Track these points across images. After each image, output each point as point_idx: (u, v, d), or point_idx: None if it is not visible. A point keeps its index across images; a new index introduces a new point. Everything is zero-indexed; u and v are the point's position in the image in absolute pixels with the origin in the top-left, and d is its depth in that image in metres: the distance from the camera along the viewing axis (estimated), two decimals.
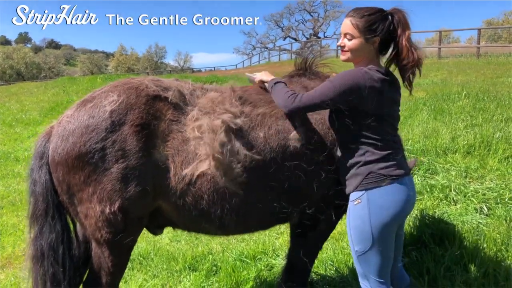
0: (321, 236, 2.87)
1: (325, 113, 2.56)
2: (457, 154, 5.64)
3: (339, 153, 2.48)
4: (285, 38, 59.81)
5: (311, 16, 58.22)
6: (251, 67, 37.81)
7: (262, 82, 2.75)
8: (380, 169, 2.28)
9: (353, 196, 2.37)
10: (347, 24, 2.33)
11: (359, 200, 2.31)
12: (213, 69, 53.94)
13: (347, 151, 2.39)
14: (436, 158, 5.58)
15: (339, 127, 2.39)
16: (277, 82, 2.56)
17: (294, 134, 2.53)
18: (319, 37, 53.53)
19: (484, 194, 4.59)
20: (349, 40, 2.33)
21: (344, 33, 2.35)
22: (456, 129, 6.36)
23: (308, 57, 2.93)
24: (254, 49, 62.18)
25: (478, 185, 4.84)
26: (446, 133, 6.13)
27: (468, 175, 5.18)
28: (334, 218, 2.80)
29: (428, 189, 4.84)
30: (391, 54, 2.41)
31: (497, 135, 5.82)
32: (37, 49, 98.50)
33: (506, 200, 4.42)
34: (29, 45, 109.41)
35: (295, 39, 56.62)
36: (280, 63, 30.21)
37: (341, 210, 2.79)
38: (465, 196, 4.60)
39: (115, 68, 62.86)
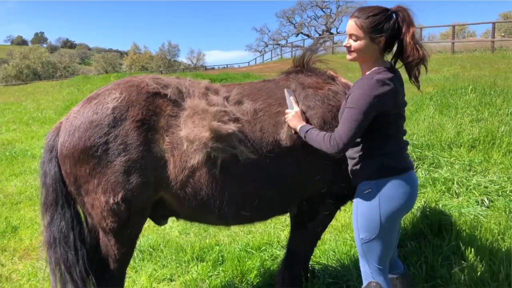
0: (320, 226, 2.99)
1: (320, 108, 2.68)
2: (461, 148, 5.71)
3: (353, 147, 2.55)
4: (297, 35, 59.70)
5: (324, 12, 57.95)
6: (263, 64, 37.91)
7: (288, 120, 2.65)
8: (391, 162, 2.38)
9: (363, 186, 2.46)
10: (352, 25, 2.38)
11: (369, 190, 2.41)
12: (226, 66, 54.12)
13: (357, 145, 2.47)
14: (440, 152, 5.65)
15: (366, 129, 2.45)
16: (309, 129, 2.52)
17: (288, 128, 2.65)
18: (332, 33, 53.26)
19: (486, 187, 4.67)
20: (355, 41, 2.39)
21: (350, 34, 2.41)
22: (461, 123, 6.41)
23: (305, 54, 3.03)
24: (267, 46, 62.21)
25: (481, 178, 4.91)
26: (451, 128, 6.19)
27: (472, 168, 5.25)
28: (333, 208, 2.93)
29: (431, 182, 4.93)
30: (396, 52, 2.46)
31: (502, 129, 5.86)
32: (52, 49, 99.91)
33: (508, 192, 4.50)
34: (45, 45, 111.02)
35: (307, 35, 56.50)
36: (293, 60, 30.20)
37: (340, 201, 2.92)
38: (467, 189, 4.68)
39: (129, 66, 63.45)
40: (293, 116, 2.60)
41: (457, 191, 4.70)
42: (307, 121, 2.66)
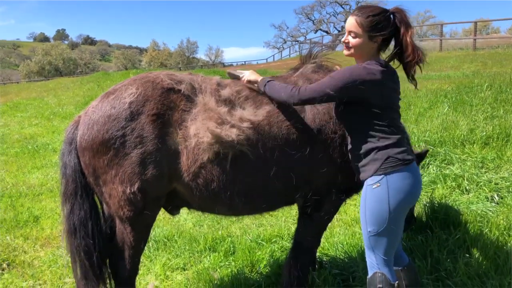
0: (325, 217, 3.08)
1: (326, 104, 2.78)
2: (474, 145, 5.72)
3: (349, 141, 2.66)
4: (316, 31, 59.48)
5: (343, 8, 57.59)
6: (281, 61, 37.89)
7: (249, 82, 2.87)
8: (397, 154, 2.45)
9: (371, 180, 2.51)
10: (352, 23, 2.49)
11: (378, 184, 2.47)
12: (244, 63, 54.27)
13: (359, 140, 2.55)
14: (453, 149, 5.66)
15: (349, 118, 2.58)
16: (269, 80, 2.71)
17: (295, 124, 2.76)
18: None
19: (497, 184, 4.70)
20: (353, 37, 2.50)
21: (349, 31, 2.52)
22: (475, 120, 6.41)
23: (313, 51, 3.13)
24: (285, 42, 62.13)
25: (493, 175, 4.93)
26: (465, 125, 6.19)
27: (484, 165, 5.26)
28: (338, 200, 3.03)
29: (442, 178, 4.97)
30: (394, 52, 2.55)
31: None
32: (73, 46, 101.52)
33: None
34: (66, 42, 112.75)
35: (326, 32, 56.26)
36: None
37: (345, 193, 3.02)
38: (477, 185, 4.72)
39: (148, 63, 64.15)
40: (249, 74, 2.86)
41: (467, 188, 4.74)
42: (313, 115, 2.77)
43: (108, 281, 3.02)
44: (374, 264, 2.61)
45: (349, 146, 2.65)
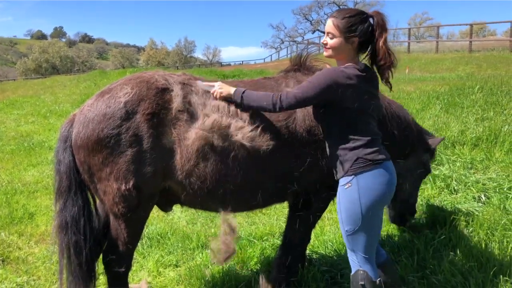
0: (315, 214, 3.17)
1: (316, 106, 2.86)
2: (464, 147, 5.83)
3: (326, 142, 2.75)
4: (314, 32, 59.65)
5: (345, 8, 57.60)
6: (279, 61, 37.98)
7: (222, 96, 2.79)
8: (366, 154, 2.53)
9: (343, 180, 2.61)
10: (329, 24, 2.59)
11: (350, 184, 2.55)
12: (241, 63, 54.30)
13: (333, 141, 2.65)
14: (444, 150, 5.77)
15: (325, 119, 2.67)
16: (244, 91, 2.70)
17: (286, 124, 2.84)
18: None
19: (484, 184, 4.79)
20: (331, 38, 2.58)
21: (327, 32, 2.61)
22: (466, 122, 6.52)
23: (302, 53, 3.21)
24: (283, 42, 62.29)
25: (481, 175, 5.03)
26: (456, 126, 6.30)
27: (474, 166, 5.37)
28: (326, 199, 3.12)
29: (431, 179, 5.06)
30: (367, 54, 2.62)
31: (506, 128, 5.96)
32: (71, 43, 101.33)
33: (505, 189, 4.62)
34: (63, 39, 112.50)
35: (324, 32, 56.25)
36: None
37: (333, 191, 3.10)
38: (465, 186, 4.82)
39: (146, 62, 64.13)
40: (220, 87, 2.78)
41: (455, 188, 4.84)
42: (301, 117, 2.86)
43: (95, 280, 3.06)
44: (355, 263, 2.68)
45: (327, 147, 2.75)
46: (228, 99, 2.78)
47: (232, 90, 2.75)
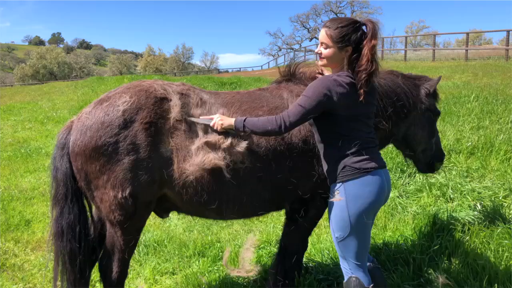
0: (310, 222, 3.20)
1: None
2: (460, 155, 5.85)
3: (319, 150, 2.76)
4: (311, 39, 59.97)
5: (338, 17, 57.99)
6: (276, 68, 37.99)
7: (223, 128, 2.77)
8: (354, 163, 2.54)
9: (332, 187, 2.65)
10: (322, 34, 2.62)
11: (338, 191, 2.59)
12: (239, 70, 54.47)
13: (325, 148, 2.68)
14: None
15: (316, 127, 2.69)
16: (245, 119, 2.68)
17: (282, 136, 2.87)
18: None
19: (479, 193, 4.82)
20: (325, 48, 2.61)
21: (321, 42, 2.64)
22: (462, 130, 6.55)
23: (291, 63, 3.25)
24: (280, 50, 62.53)
25: (477, 184, 5.06)
26: (452, 135, 6.33)
27: (469, 175, 5.40)
28: (322, 206, 3.14)
29: (427, 187, 5.09)
30: (351, 57, 2.59)
31: (501, 137, 6.00)
32: (69, 49, 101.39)
33: (500, 198, 4.64)
34: (61, 45, 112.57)
35: None
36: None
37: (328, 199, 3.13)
38: (461, 194, 4.84)
39: (144, 68, 64.17)
40: (220, 119, 2.76)
41: (451, 196, 4.86)
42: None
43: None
44: (347, 270, 2.70)
45: (320, 154, 2.76)
46: (229, 130, 2.77)
47: (232, 120, 2.73)
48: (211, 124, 2.79)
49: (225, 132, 2.80)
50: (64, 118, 14.06)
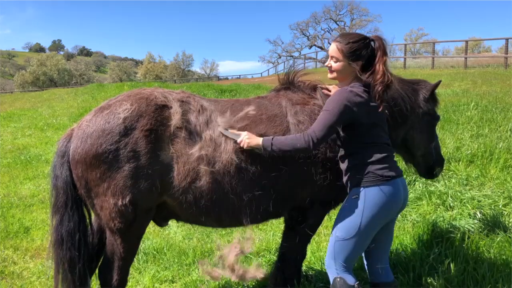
0: (309, 230, 3.19)
1: (309, 123, 2.90)
2: (460, 163, 5.86)
3: (340, 157, 2.82)
4: (311, 47, 60.08)
5: (337, 25, 58.33)
6: (276, 76, 38.14)
7: (250, 146, 2.76)
8: (377, 170, 2.62)
9: (352, 192, 2.70)
10: (333, 48, 2.72)
11: (357, 196, 2.65)
12: (239, 77, 54.60)
13: (347, 156, 2.75)
14: None
15: (341, 140, 2.77)
16: (272, 138, 2.70)
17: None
18: None
19: (479, 201, 4.82)
20: (335, 62, 2.72)
21: (331, 56, 2.74)
22: (461, 138, 6.57)
23: (289, 71, 3.27)
24: (280, 57, 62.63)
25: (476, 192, 5.06)
26: (451, 143, 6.34)
27: (469, 183, 5.40)
28: (320, 214, 3.15)
29: (427, 195, 5.09)
30: (367, 74, 2.70)
31: (501, 145, 6.01)
32: (69, 56, 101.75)
33: (500, 206, 4.65)
34: (61, 52, 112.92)
35: (321, 47, 56.80)
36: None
37: (327, 207, 3.14)
38: (461, 202, 4.84)
39: (144, 75, 64.31)
40: (248, 138, 2.75)
41: (451, 205, 4.86)
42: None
43: None
44: (333, 270, 2.75)
45: (340, 162, 2.83)
46: (256, 148, 2.76)
47: (260, 140, 2.72)
48: (238, 141, 2.79)
49: (225, 140, 2.82)
50: (64, 125, 14.07)
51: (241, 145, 2.77)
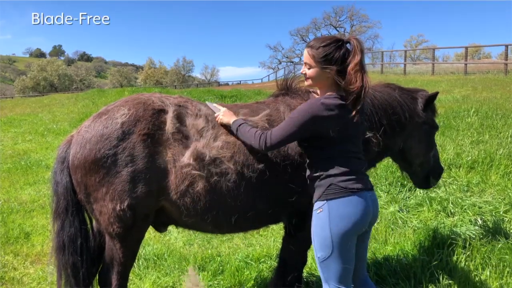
0: (309, 236, 3.17)
1: None
2: (460, 169, 5.86)
3: (306, 165, 2.72)
4: None
5: (337, 31, 58.61)
6: (276, 81, 38.17)
7: (222, 123, 2.86)
8: (340, 182, 2.49)
9: (316, 205, 2.59)
10: (305, 55, 2.57)
11: (321, 209, 2.53)
12: (239, 82, 54.73)
13: (312, 166, 2.64)
14: None
15: (305, 146, 2.66)
16: (240, 124, 2.74)
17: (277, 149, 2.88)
18: None
19: (480, 207, 4.81)
20: (308, 69, 2.57)
21: (304, 62, 2.61)
22: (462, 145, 6.57)
23: (288, 77, 3.27)
24: (280, 63, 62.90)
25: (477, 198, 5.06)
26: (451, 149, 6.35)
27: (470, 189, 5.39)
28: None
29: (428, 202, 5.08)
30: (337, 76, 2.51)
31: (501, 152, 6.01)
32: (70, 62, 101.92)
33: (501, 213, 4.64)
34: (62, 58, 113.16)
35: None
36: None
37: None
38: (461, 209, 4.83)
39: (144, 81, 64.44)
40: (223, 114, 2.86)
41: (452, 211, 4.85)
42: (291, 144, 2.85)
43: None
44: None
45: (306, 170, 2.73)
46: (226, 126, 2.86)
47: (232, 119, 2.80)
48: (215, 115, 2.90)
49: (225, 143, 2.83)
50: (65, 130, 14.09)
51: (216, 119, 2.89)
